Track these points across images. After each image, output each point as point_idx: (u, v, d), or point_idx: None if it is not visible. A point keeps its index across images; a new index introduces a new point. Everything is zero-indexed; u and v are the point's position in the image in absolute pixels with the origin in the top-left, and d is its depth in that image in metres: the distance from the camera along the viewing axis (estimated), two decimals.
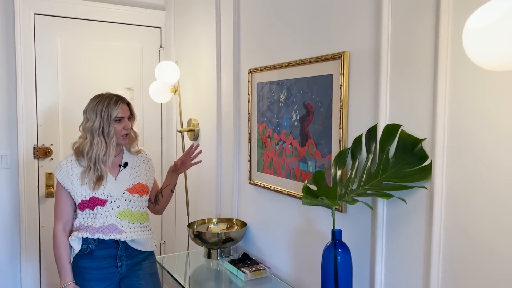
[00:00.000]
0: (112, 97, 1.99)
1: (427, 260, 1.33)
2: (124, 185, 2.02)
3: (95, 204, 1.95)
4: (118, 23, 3.17)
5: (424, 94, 1.33)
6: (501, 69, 0.91)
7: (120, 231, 1.97)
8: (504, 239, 1.13)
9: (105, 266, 1.98)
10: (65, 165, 1.97)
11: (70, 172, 1.95)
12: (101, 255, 1.97)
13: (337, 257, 1.48)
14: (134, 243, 2.02)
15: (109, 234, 1.96)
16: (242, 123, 2.33)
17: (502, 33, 0.86)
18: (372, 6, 1.50)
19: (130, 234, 2.00)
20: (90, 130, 1.94)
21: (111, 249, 1.99)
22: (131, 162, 2.08)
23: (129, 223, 2.00)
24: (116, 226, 1.97)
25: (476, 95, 1.19)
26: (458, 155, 1.24)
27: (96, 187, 1.94)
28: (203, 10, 2.72)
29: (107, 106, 1.95)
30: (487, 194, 1.17)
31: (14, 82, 2.83)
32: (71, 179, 1.95)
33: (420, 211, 1.36)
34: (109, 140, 1.94)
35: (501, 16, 0.86)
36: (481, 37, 0.89)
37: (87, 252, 1.96)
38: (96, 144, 1.92)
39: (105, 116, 1.93)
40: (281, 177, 2.01)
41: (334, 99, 1.67)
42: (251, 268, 2.04)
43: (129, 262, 2.02)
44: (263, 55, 2.13)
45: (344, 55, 1.60)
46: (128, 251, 2.01)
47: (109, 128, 1.94)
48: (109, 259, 1.99)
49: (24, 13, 2.84)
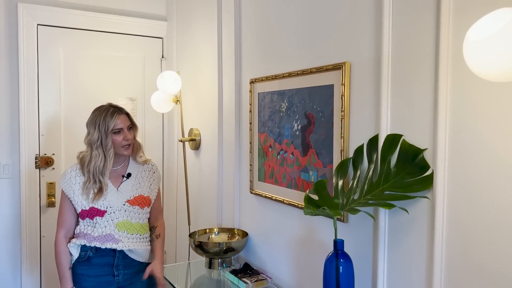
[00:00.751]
0: (109, 109, 2.00)
1: (429, 270, 1.33)
2: (125, 196, 2.03)
3: (94, 214, 1.98)
4: (120, 34, 3.20)
5: (425, 104, 1.34)
6: (501, 80, 0.92)
7: (117, 241, 1.99)
8: (508, 249, 1.13)
9: (102, 274, 2.00)
10: (69, 173, 2.01)
11: (73, 181, 1.98)
12: (98, 263, 2.00)
13: (339, 268, 1.48)
14: (132, 253, 2.03)
15: (106, 243, 1.98)
16: (244, 133, 2.33)
17: (502, 44, 0.87)
18: (372, 17, 1.51)
19: (127, 244, 2.01)
20: (89, 143, 1.97)
21: (109, 257, 2.00)
22: (135, 173, 2.09)
23: (127, 234, 2.02)
24: (114, 236, 1.99)
25: (477, 105, 1.19)
26: (459, 164, 1.24)
27: (96, 199, 1.96)
28: (205, 21, 2.74)
29: (104, 119, 1.97)
30: (489, 204, 1.17)
31: (16, 92, 2.85)
32: (73, 188, 1.97)
33: (421, 221, 1.36)
34: (107, 153, 1.95)
35: (502, 27, 0.87)
36: (482, 48, 0.90)
37: (85, 259, 1.99)
38: (95, 157, 1.94)
39: (103, 129, 1.95)
40: (283, 187, 2.01)
41: (335, 109, 1.67)
42: (253, 279, 2.03)
43: (126, 271, 2.03)
44: (265, 65, 2.14)
45: (345, 66, 1.61)
46: (126, 261, 2.03)
47: (107, 140, 1.95)
48: (106, 267, 2.01)
49: (27, 23, 2.87)
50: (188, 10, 2.99)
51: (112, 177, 2.03)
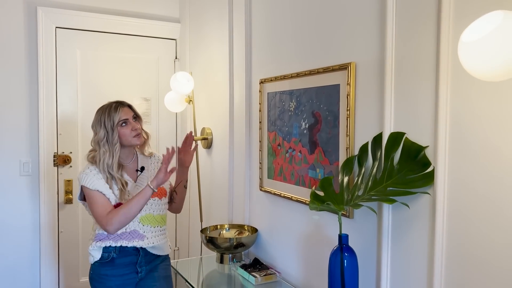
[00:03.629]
0: (112, 105, 2.04)
1: (430, 263, 1.38)
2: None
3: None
4: (135, 36, 3.28)
5: (426, 103, 1.38)
6: (493, 79, 0.97)
7: (142, 237, 2.01)
8: (505, 242, 1.17)
9: (125, 273, 2.03)
10: (90, 172, 1.98)
11: (98, 176, 1.97)
12: (122, 263, 2.01)
13: (344, 261, 1.53)
14: (154, 249, 2.07)
15: (132, 240, 2.00)
16: (254, 132, 2.40)
17: (493, 45, 0.91)
18: (377, 20, 1.56)
19: (151, 240, 2.04)
20: (97, 142, 1.99)
21: (132, 256, 2.03)
22: (146, 165, 2.13)
23: (151, 228, 2.04)
24: (138, 231, 2.01)
25: (476, 104, 1.23)
26: (459, 161, 1.29)
27: (122, 194, 1.97)
28: (217, 23, 2.81)
29: (109, 114, 1.99)
30: (488, 199, 1.21)
31: (36, 93, 2.95)
32: (100, 183, 1.96)
33: (423, 216, 1.41)
34: (113, 147, 1.97)
35: (492, 29, 0.92)
36: (474, 50, 0.95)
37: (109, 260, 2.00)
38: (103, 154, 1.96)
39: (109, 125, 1.98)
40: (291, 184, 2.06)
41: (341, 108, 1.73)
42: (262, 273, 2.09)
43: (147, 267, 2.07)
44: (274, 66, 2.20)
45: (350, 66, 1.67)
46: (147, 257, 2.06)
47: (113, 135, 1.97)
48: (130, 266, 2.03)
49: (46, 26, 2.97)
50: (201, 12, 3.07)
51: (128, 172, 2.06)
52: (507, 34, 0.91)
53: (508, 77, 0.95)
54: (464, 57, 0.97)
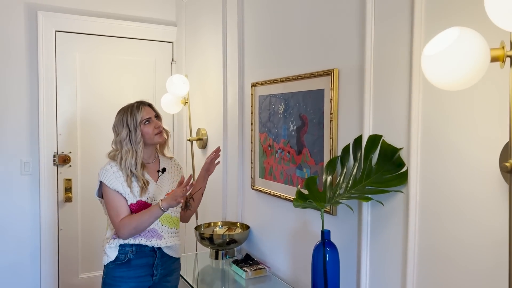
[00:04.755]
0: (134, 104, 2.06)
1: (404, 256, 1.48)
2: (164, 190, 2.06)
3: (141, 207, 1.97)
4: (133, 39, 3.38)
5: (401, 107, 1.49)
6: (451, 89, 1.06)
7: (160, 236, 2.02)
8: (472, 235, 1.27)
9: (141, 275, 2.00)
10: (111, 169, 1.97)
11: (117, 175, 1.96)
12: (139, 264, 2.00)
13: (326, 255, 1.64)
14: (170, 249, 2.07)
15: (151, 239, 1.99)
16: (246, 133, 2.50)
17: (450, 59, 1.01)
18: (357, 29, 1.67)
19: (168, 240, 2.05)
20: (120, 142, 2.00)
21: (149, 258, 2.01)
22: (168, 167, 2.14)
23: (168, 228, 2.06)
24: (157, 230, 2.01)
25: (445, 109, 1.34)
26: (430, 162, 1.39)
27: (143, 192, 1.98)
28: (211, 27, 2.91)
29: (132, 114, 2.01)
30: (455, 197, 1.31)
31: (36, 94, 3.05)
32: (120, 181, 1.96)
33: (398, 213, 1.51)
34: (137, 146, 1.99)
35: (449, 45, 1.01)
36: (435, 63, 1.04)
37: (125, 261, 1.98)
38: (126, 153, 1.97)
39: (132, 124, 1.99)
40: (280, 183, 2.17)
41: (326, 111, 1.83)
42: (252, 268, 2.19)
43: (163, 271, 2.06)
44: (264, 70, 2.30)
45: (333, 72, 1.77)
46: (163, 259, 2.05)
47: (136, 134, 1.99)
48: (146, 268, 2.01)
49: (46, 30, 3.07)
50: (196, 16, 3.17)
51: (150, 171, 2.07)
52: (463, 48, 1.00)
53: (466, 87, 1.05)
54: (427, 69, 1.07)
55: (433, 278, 1.39)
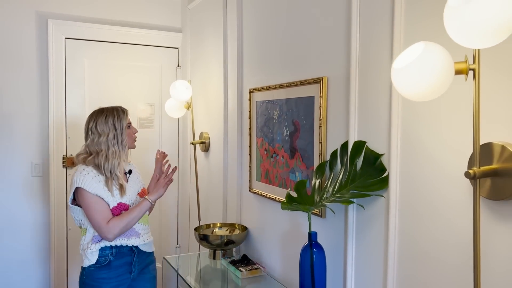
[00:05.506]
0: (118, 108, 2.14)
1: (385, 255, 1.55)
2: (135, 190, 2.17)
3: (121, 209, 2.05)
4: (140, 45, 3.49)
5: (382, 115, 1.55)
6: (418, 100, 1.13)
7: (138, 234, 2.11)
8: (446, 235, 1.34)
9: (120, 274, 2.08)
10: (88, 174, 2.00)
11: (96, 179, 2.00)
12: (118, 265, 2.07)
13: (313, 256, 1.71)
14: (145, 246, 2.17)
15: (131, 238, 2.08)
16: (244, 137, 2.58)
17: (414, 72, 1.08)
18: (344, 40, 1.74)
19: (145, 237, 2.15)
20: (105, 143, 2.03)
21: (127, 257, 2.10)
22: (132, 169, 2.24)
23: (143, 226, 2.16)
24: (135, 229, 2.10)
25: (422, 118, 1.40)
26: (408, 167, 1.46)
27: (122, 193, 2.06)
28: (214, 34, 3.00)
29: (118, 117, 2.09)
30: (432, 200, 1.38)
31: (46, 99, 3.18)
32: (100, 185, 2.00)
33: (380, 216, 1.58)
34: (123, 148, 2.08)
35: (414, 59, 1.08)
36: (402, 75, 1.11)
37: (106, 264, 2.03)
38: (112, 154, 2.04)
39: (119, 127, 2.07)
40: (275, 186, 2.24)
41: (315, 117, 1.90)
42: (248, 268, 2.27)
43: (139, 266, 2.16)
44: (261, 77, 2.38)
45: (322, 80, 1.84)
46: (140, 256, 2.14)
47: (123, 136, 2.08)
48: (125, 266, 2.10)
49: (56, 37, 3.20)
50: (200, 23, 3.26)
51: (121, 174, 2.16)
52: (427, 62, 1.07)
53: (432, 98, 1.12)
54: (395, 81, 1.14)
55: (412, 275, 1.45)
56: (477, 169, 1.10)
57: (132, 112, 3.46)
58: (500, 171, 1.15)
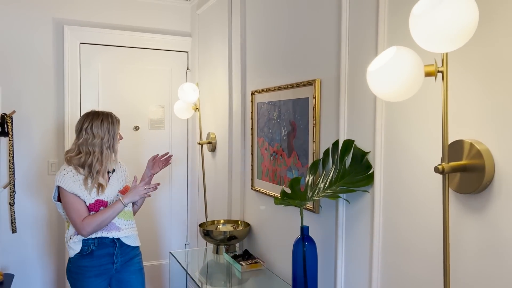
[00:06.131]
0: (112, 115, 2.30)
1: (371, 247, 1.64)
2: (116, 188, 2.29)
3: (99, 205, 2.19)
4: (151, 49, 3.63)
5: (368, 115, 1.64)
6: (392, 100, 1.22)
7: (119, 229, 2.25)
8: (424, 227, 1.42)
9: (103, 264, 2.23)
10: (67, 174, 2.15)
11: (74, 179, 2.15)
12: (100, 254, 2.21)
13: (305, 249, 1.80)
14: (127, 239, 2.29)
15: (111, 231, 2.22)
16: (247, 137, 2.69)
17: (385, 74, 1.17)
18: (335, 44, 1.83)
19: (126, 231, 2.28)
20: (99, 145, 2.18)
21: (109, 248, 2.23)
22: (116, 168, 2.36)
23: (124, 221, 2.28)
24: (115, 224, 2.24)
25: (403, 116, 1.49)
26: (391, 165, 1.54)
27: (100, 192, 2.19)
28: (220, 38, 3.12)
29: (112, 123, 2.25)
30: (412, 195, 1.46)
31: (62, 100, 3.34)
32: (77, 185, 2.15)
33: (366, 210, 1.67)
34: (115, 152, 2.26)
35: (386, 62, 1.17)
36: (376, 77, 1.20)
37: (88, 253, 2.19)
38: (106, 156, 2.20)
39: (112, 132, 2.23)
40: (274, 184, 2.34)
41: (310, 118, 2.00)
42: (248, 262, 2.38)
43: (122, 258, 2.28)
44: (262, 79, 2.49)
45: (316, 82, 1.94)
46: (122, 248, 2.27)
47: (114, 141, 2.25)
48: (107, 257, 2.24)
49: (71, 42, 3.36)
50: (208, 28, 3.39)
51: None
52: (397, 64, 1.16)
53: (405, 98, 1.21)
54: (370, 83, 1.23)
55: (394, 263, 1.54)
56: (446, 164, 1.19)
57: (143, 113, 3.63)
58: (469, 166, 1.23)
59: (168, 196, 3.76)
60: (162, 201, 3.72)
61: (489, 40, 1.20)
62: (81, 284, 2.21)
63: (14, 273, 3.10)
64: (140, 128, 3.62)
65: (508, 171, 1.15)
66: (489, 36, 1.20)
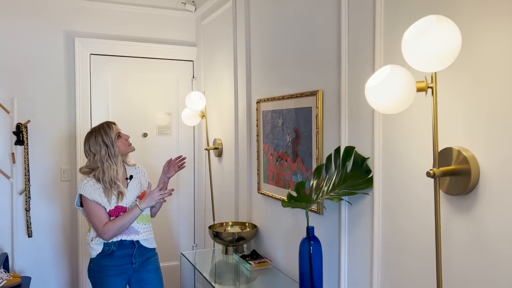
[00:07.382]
0: (103, 125, 2.42)
1: (371, 247, 1.78)
2: (135, 193, 2.45)
3: (119, 211, 2.36)
4: (158, 59, 3.79)
5: (367, 123, 1.79)
6: (388, 113, 1.37)
7: (137, 232, 2.42)
8: (419, 227, 1.57)
9: (122, 263, 2.40)
10: (88, 183, 2.34)
11: (95, 187, 2.33)
12: (120, 255, 2.39)
13: (310, 248, 1.95)
14: (146, 241, 2.46)
15: (130, 235, 2.39)
16: (253, 143, 2.84)
17: (381, 90, 1.32)
18: (336, 58, 1.98)
19: (144, 234, 2.45)
20: (100, 160, 2.34)
21: (128, 249, 2.41)
22: (134, 174, 2.51)
23: (142, 225, 2.44)
24: (134, 228, 2.40)
25: (399, 124, 1.64)
26: (389, 169, 1.69)
27: (120, 199, 2.35)
28: (225, 48, 3.27)
29: (105, 132, 2.37)
30: (407, 199, 1.61)
31: (74, 109, 3.49)
32: (97, 193, 2.32)
33: (367, 212, 1.82)
34: (116, 159, 2.37)
35: (381, 80, 1.32)
36: (373, 93, 1.35)
37: (109, 253, 2.37)
38: (107, 168, 2.34)
39: (108, 141, 2.35)
40: (280, 187, 2.49)
41: (313, 126, 2.15)
42: (256, 261, 2.52)
43: (140, 259, 2.45)
44: (267, 89, 2.64)
45: (318, 93, 2.09)
46: (140, 250, 2.44)
47: (114, 149, 2.36)
48: (126, 257, 2.41)
49: (82, 53, 3.51)
50: (213, 38, 3.54)
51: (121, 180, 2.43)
52: (392, 82, 1.31)
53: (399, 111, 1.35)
54: (368, 98, 1.38)
55: (393, 262, 1.68)
56: (437, 169, 1.33)
57: (151, 120, 3.78)
58: (457, 171, 1.38)
59: (176, 200, 3.91)
60: (170, 205, 3.87)
61: (471, 60, 1.35)
62: (102, 282, 2.37)
63: (31, 275, 3.24)
64: (148, 135, 3.77)
65: (491, 175, 1.30)
66: (471, 57, 1.35)
